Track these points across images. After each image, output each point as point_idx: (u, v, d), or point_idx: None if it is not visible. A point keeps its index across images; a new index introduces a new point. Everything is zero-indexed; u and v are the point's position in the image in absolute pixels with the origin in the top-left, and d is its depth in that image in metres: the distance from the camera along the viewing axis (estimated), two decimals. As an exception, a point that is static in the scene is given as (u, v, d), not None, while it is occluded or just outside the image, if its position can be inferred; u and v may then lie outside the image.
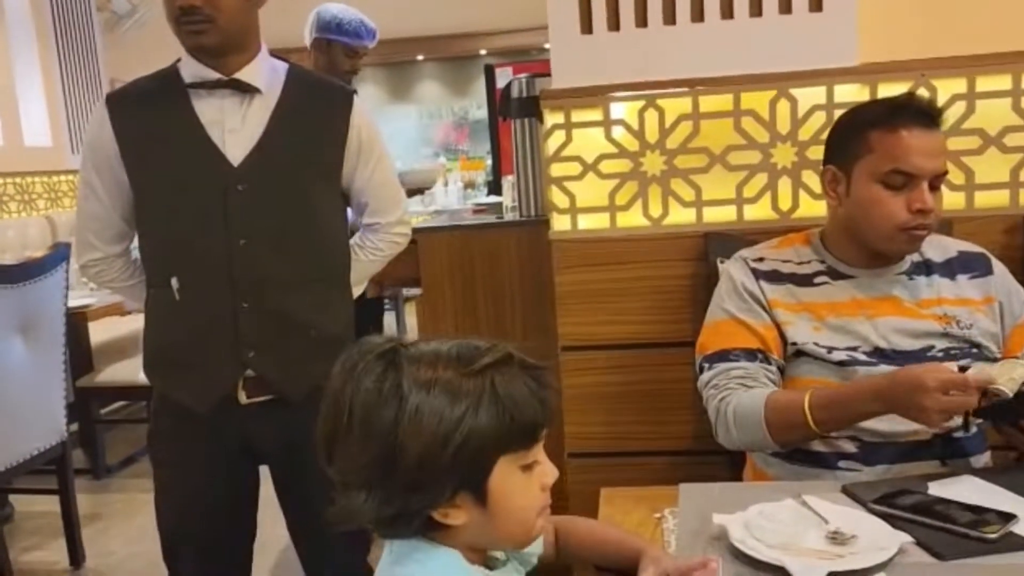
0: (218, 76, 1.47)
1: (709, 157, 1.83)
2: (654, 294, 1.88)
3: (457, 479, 0.77)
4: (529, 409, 0.79)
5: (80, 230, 1.58)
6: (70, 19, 5.45)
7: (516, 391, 0.78)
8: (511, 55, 7.42)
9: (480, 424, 0.76)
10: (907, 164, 1.31)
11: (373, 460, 0.77)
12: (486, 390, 0.77)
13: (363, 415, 0.78)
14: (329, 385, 0.82)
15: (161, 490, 1.61)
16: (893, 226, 1.34)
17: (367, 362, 0.80)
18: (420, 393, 0.76)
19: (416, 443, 0.75)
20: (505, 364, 0.79)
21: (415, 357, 0.79)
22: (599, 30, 1.84)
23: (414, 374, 0.78)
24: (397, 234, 1.70)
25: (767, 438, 1.30)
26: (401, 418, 0.76)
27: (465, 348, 0.81)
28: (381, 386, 0.77)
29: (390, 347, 0.80)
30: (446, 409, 0.76)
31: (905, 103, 1.35)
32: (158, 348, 1.57)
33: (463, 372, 0.78)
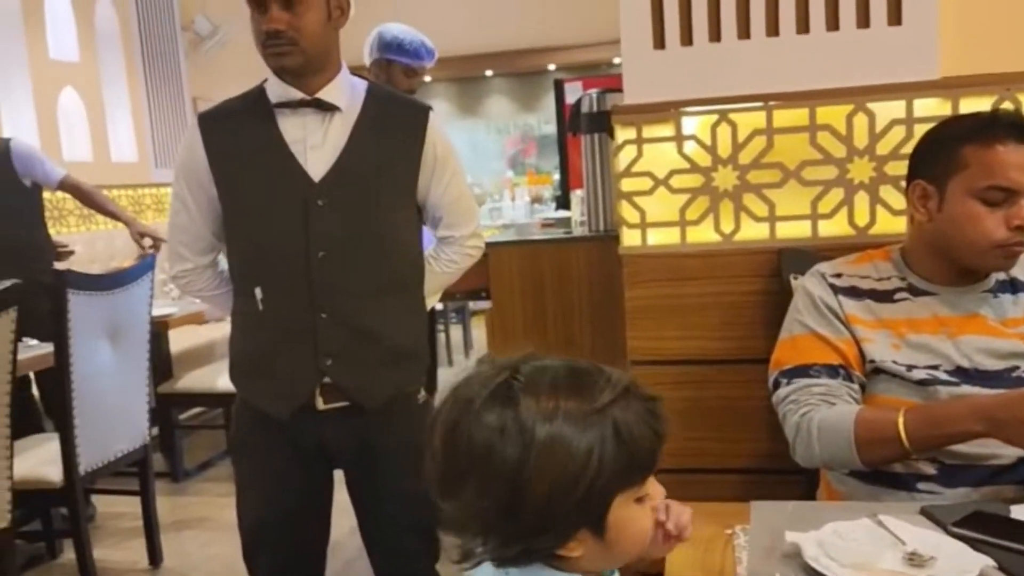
0: (301, 96, 1.53)
1: (783, 172, 1.81)
2: (725, 310, 1.87)
3: (579, 519, 0.75)
4: (647, 444, 0.77)
5: (172, 242, 1.66)
6: (156, 40, 5.70)
7: (636, 427, 0.76)
8: (579, 70, 7.45)
9: (606, 463, 0.74)
10: (1006, 179, 1.28)
11: (495, 504, 0.74)
12: (609, 428, 0.74)
13: (484, 455, 0.74)
14: (440, 419, 0.79)
15: (242, 491, 1.67)
16: (990, 243, 1.30)
17: (484, 398, 0.76)
18: (544, 428, 0.73)
19: (542, 486, 0.73)
20: (624, 397, 0.77)
21: (532, 387, 0.76)
22: (672, 45, 1.85)
23: (535, 415, 0.74)
24: (471, 247, 1.73)
25: (854, 455, 1.27)
26: (525, 462, 0.73)
27: (582, 380, 0.77)
28: (503, 424, 0.74)
29: (504, 380, 0.77)
30: (571, 452, 0.73)
31: (999, 117, 1.32)
32: (242, 355, 1.63)
33: (586, 409, 0.75)
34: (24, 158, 3.28)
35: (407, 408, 1.65)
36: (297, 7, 1.46)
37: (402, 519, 1.64)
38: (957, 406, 1.24)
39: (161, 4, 5.75)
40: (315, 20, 1.48)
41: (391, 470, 1.62)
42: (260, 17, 1.47)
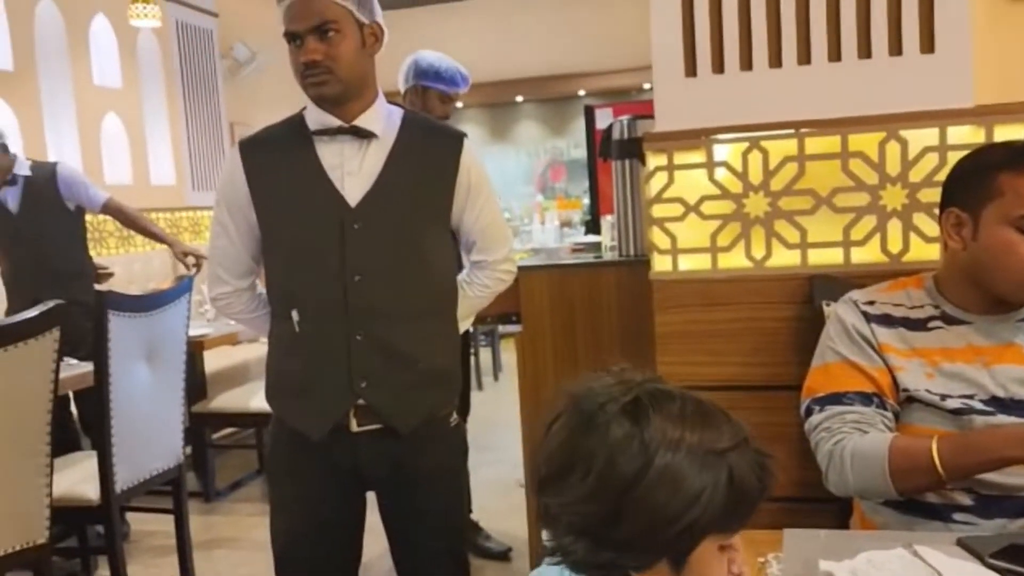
0: (339, 123, 1.57)
1: (815, 199, 1.82)
2: (756, 336, 1.87)
3: (668, 550, 0.77)
4: (753, 496, 0.78)
5: (212, 265, 1.70)
6: (195, 66, 5.85)
7: (748, 479, 0.77)
8: (609, 95, 7.50)
9: (713, 506, 0.75)
10: None
11: (599, 512, 0.76)
12: (724, 473, 0.76)
13: (604, 466, 0.76)
14: (560, 422, 0.81)
15: (276, 511, 1.69)
16: None
17: (614, 412, 0.78)
18: (665, 460, 0.75)
19: (647, 510, 0.75)
20: (743, 446, 0.78)
21: (661, 411, 0.78)
22: (703, 73, 1.87)
23: (660, 440, 0.76)
24: (503, 271, 1.76)
25: (888, 484, 1.26)
26: (639, 482, 0.75)
27: (707, 414, 0.79)
28: (629, 440, 0.76)
29: (635, 397, 0.79)
30: (686, 485, 0.75)
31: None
32: (278, 376, 1.66)
33: (708, 448, 0.76)
34: (69, 182, 3.38)
35: (440, 431, 1.67)
36: (331, 37, 1.50)
37: (433, 542, 1.66)
38: (992, 433, 1.23)
39: (201, 32, 5.90)
40: (349, 49, 1.53)
41: (423, 493, 1.64)
42: (297, 49, 1.52)
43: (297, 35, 1.51)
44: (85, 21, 4.92)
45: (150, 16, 4.57)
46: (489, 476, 3.33)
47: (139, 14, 4.53)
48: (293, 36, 1.52)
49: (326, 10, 1.50)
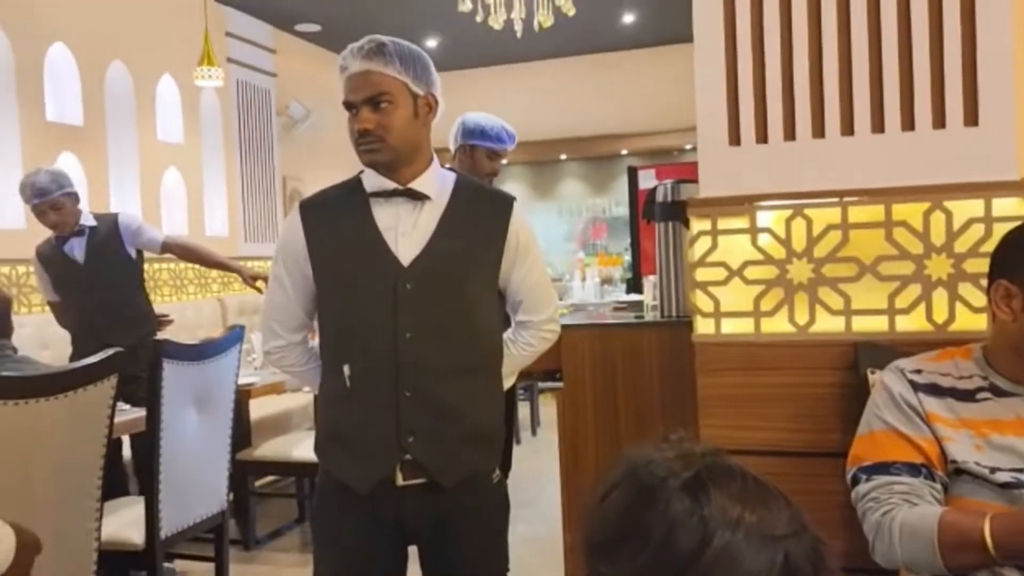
0: (395, 186, 1.64)
1: (859, 266, 1.83)
2: (799, 402, 1.86)
3: None
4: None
5: (266, 319, 1.77)
6: (253, 123, 6.08)
7: (803, 567, 0.75)
8: (652, 155, 7.58)
9: None
10: None
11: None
12: (780, 557, 0.75)
13: (661, 541, 0.75)
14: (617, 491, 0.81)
15: (319, 561, 1.72)
16: None
17: (674, 488, 0.77)
18: (724, 539, 0.74)
19: None
20: (801, 532, 0.77)
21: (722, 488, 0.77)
22: (747, 141, 1.91)
23: (720, 513, 0.75)
24: (548, 331, 1.80)
25: (937, 559, 1.25)
26: (700, 557, 0.74)
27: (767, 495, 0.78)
28: (688, 516, 0.75)
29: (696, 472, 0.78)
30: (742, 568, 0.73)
31: None
32: (328, 428, 1.71)
33: (766, 532, 0.75)
34: (131, 230, 3.53)
35: (483, 488, 1.69)
36: (384, 108, 1.59)
37: None
38: None
39: (260, 91, 6.14)
40: (401, 118, 1.61)
41: (465, 550, 1.66)
42: (353, 118, 1.61)
43: (353, 105, 1.61)
44: (153, 81, 5.18)
45: (214, 78, 4.79)
46: (526, 532, 3.31)
47: (204, 76, 4.75)
48: (350, 105, 1.61)
49: (381, 83, 1.59)
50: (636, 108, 7.51)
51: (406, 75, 1.61)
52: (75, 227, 3.42)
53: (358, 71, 1.60)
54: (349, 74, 1.61)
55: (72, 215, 3.41)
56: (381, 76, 1.59)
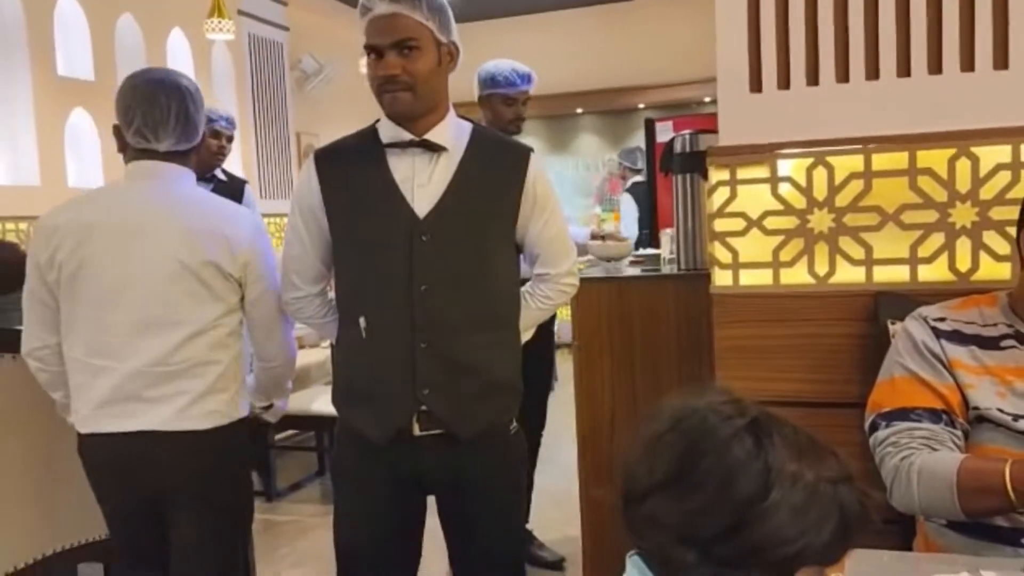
0: (411, 137, 1.62)
1: (881, 215, 1.79)
2: (818, 353, 1.85)
3: (771, 572, 0.78)
4: (853, 533, 0.80)
5: (285, 271, 1.76)
6: (265, 77, 6.02)
7: (854, 513, 0.79)
8: (669, 108, 7.46)
9: (821, 536, 0.77)
10: None
11: (715, 525, 0.78)
12: (835, 503, 0.78)
13: (725, 480, 0.78)
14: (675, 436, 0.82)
15: (339, 513, 1.74)
16: None
17: (735, 429, 0.80)
18: (784, 485, 0.77)
19: (762, 531, 0.76)
20: (850, 481, 0.80)
21: (781, 440, 0.79)
22: (768, 88, 1.86)
23: (782, 463, 0.78)
24: (566, 284, 1.78)
25: (955, 503, 1.25)
26: (758, 502, 0.77)
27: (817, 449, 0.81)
28: (752, 461, 0.78)
29: (754, 418, 0.81)
30: (801, 514, 0.77)
31: None
32: (345, 381, 1.71)
33: (822, 478, 0.78)
34: (250, 201, 3.55)
35: (500, 440, 1.70)
36: (411, 54, 1.55)
37: (490, 548, 1.68)
38: None
39: (272, 45, 6.07)
40: (427, 65, 1.57)
41: (482, 499, 1.67)
42: (376, 62, 1.57)
43: (378, 49, 1.56)
44: (163, 34, 5.12)
45: (225, 31, 4.73)
46: (543, 485, 3.33)
47: (214, 28, 4.69)
48: (374, 49, 1.57)
49: (409, 27, 1.55)
50: (653, 60, 7.37)
51: (432, 21, 1.57)
52: (213, 169, 3.41)
53: (385, 13, 1.55)
54: (374, 16, 1.56)
55: (222, 158, 3.42)
56: (408, 20, 1.55)
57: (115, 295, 1.68)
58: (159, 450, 1.69)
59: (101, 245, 1.68)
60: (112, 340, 1.68)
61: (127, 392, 1.68)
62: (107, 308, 1.68)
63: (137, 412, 1.68)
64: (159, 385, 1.68)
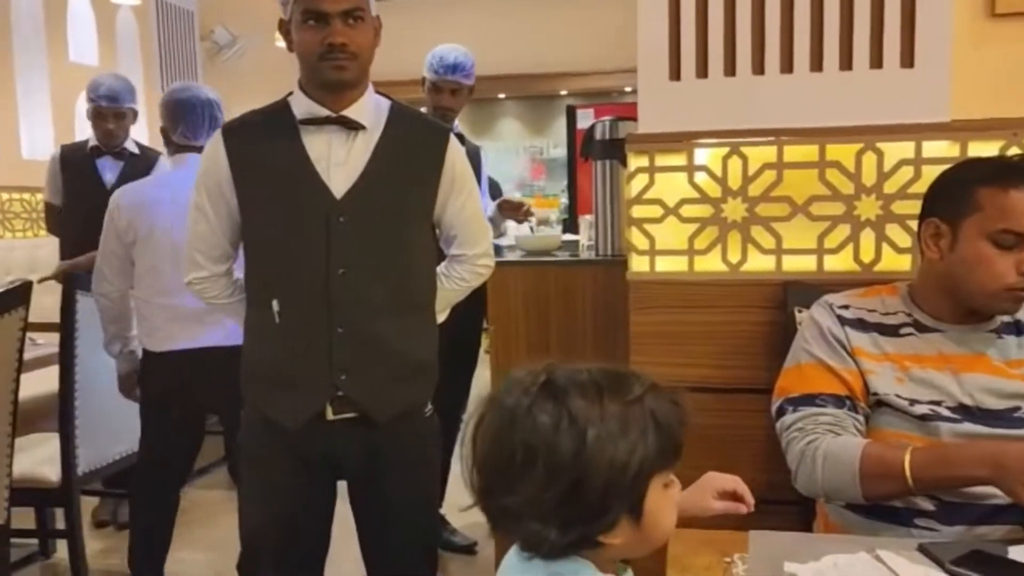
0: (327, 113, 1.56)
1: (791, 206, 1.84)
2: (729, 339, 1.89)
3: (626, 503, 0.83)
4: (678, 430, 0.86)
5: (188, 249, 1.68)
6: (175, 48, 5.77)
7: (668, 415, 0.85)
8: (591, 96, 7.51)
9: (648, 450, 0.82)
10: (1018, 224, 1.31)
11: (556, 492, 0.81)
12: (648, 417, 0.83)
13: (544, 450, 0.82)
14: (485, 425, 0.86)
15: (246, 498, 1.68)
16: (1000, 286, 1.32)
17: (532, 400, 0.84)
18: (594, 425, 0.81)
19: (598, 473, 0.80)
20: (654, 390, 0.86)
21: (577, 388, 0.84)
22: (687, 77, 1.88)
23: (584, 407, 0.82)
24: (481, 265, 1.76)
25: (856, 487, 1.29)
26: (581, 450, 0.81)
27: (615, 377, 0.86)
28: (557, 422, 0.82)
29: (546, 380, 0.85)
30: (620, 438, 0.81)
31: (1017, 163, 1.35)
32: (256, 365, 1.64)
33: (626, 401, 0.83)
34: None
35: (414, 422, 1.67)
36: (356, 24, 1.51)
37: (402, 533, 1.66)
38: (967, 450, 1.25)
39: (181, 14, 5.82)
40: (369, 37, 1.55)
41: (396, 483, 1.64)
42: (321, 30, 1.50)
43: (326, 15, 1.49)
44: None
45: (130, -6, 4.51)
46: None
47: (119, -9, 4.47)
48: (319, 16, 1.50)
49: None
50: (577, 47, 7.39)
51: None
52: (118, 147, 3.26)
53: None
54: None
55: (125, 132, 3.27)
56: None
57: (173, 252, 2.12)
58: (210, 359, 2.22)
59: (162, 216, 2.26)
60: (171, 286, 2.18)
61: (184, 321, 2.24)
62: (168, 262, 2.21)
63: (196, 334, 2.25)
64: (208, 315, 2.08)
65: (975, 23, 1.79)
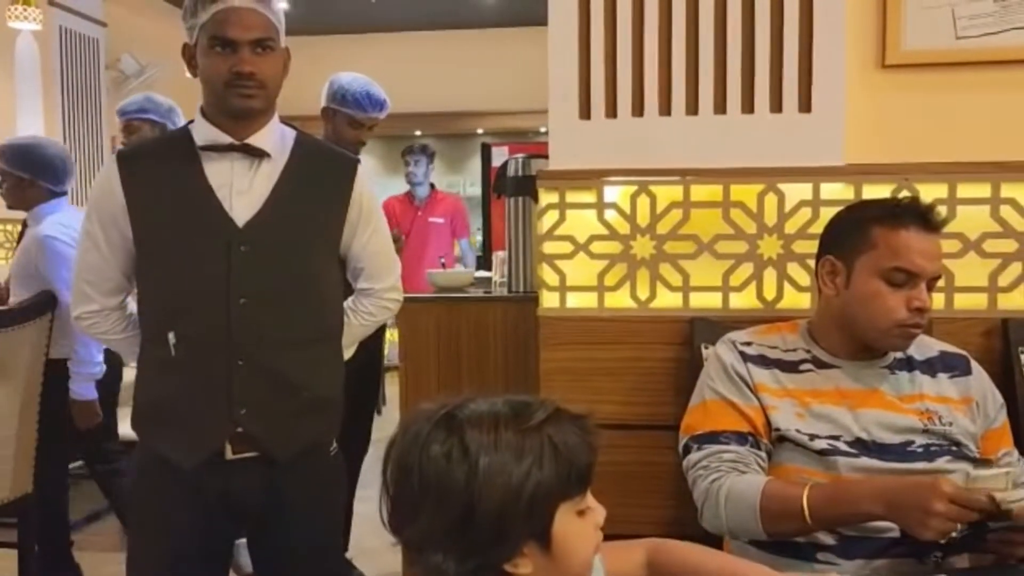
0: (230, 140, 1.51)
1: (697, 244, 1.87)
2: (638, 376, 1.89)
3: (527, 530, 0.83)
4: (582, 455, 0.85)
5: (77, 281, 1.59)
6: (78, 75, 5.56)
7: (570, 440, 0.84)
8: (507, 135, 7.59)
9: (545, 475, 0.82)
10: (909, 263, 1.35)
11: (450, 522, 0.81)
12: (545, 443, 0.83)
13: (436, 481, 0.82)
14: (392, 455, 0.86)
15: (135, 543, 1.58)
16: (891, 322, 1.37)
17: (429, 430, 0.84)
18: (488, 453, 0.81)
19: (490, 500, 0.80)
20: (556, 417, 0.85)
21: (473, 419, 0.84)
22: (596, 116, 1.91)
23: (477, 436, 0.82)
24: (389, 300, 1.72)
25: (758, 526, 1.29)
26: (472, 479, 0.81)
27: (517, 406, 0.86)
28: (449, 451, 0.82)
29: (446, 412, 0.84)
30: (513, 465, 0.81)
31: (909, 205, 1.41)
32: (149, 402, 1.56)
33: (522, 429, 0.83)
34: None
35: (318, 460, 1.61)
36: (265, 53, 1.48)
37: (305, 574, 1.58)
38: (860, 487, 1.27)
39: (86, 40, 5.62)
40: (277, 67, 1.52)
41: (298, 524, 1.57)
42: (229, 57, 1.46)
43: (234, 43, 1.45)
44: (-44, 17, 4.61)
45: (30, 19, 4.33)
46: (364, 512, 3.23)
47: (18, 16, 4.28)
48: (227, 43, 1.46)
49: (266, 26, 1.48)
50: (493, 87, 7.49)
51: (279, 23, 1.51)
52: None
53: (244, 7, 1.46)
54: (229, 7, 1.45)
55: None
56: (264, 18, 1.48)
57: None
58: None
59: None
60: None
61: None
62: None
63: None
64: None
65: (867, 73, 1.88)
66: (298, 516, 1.57)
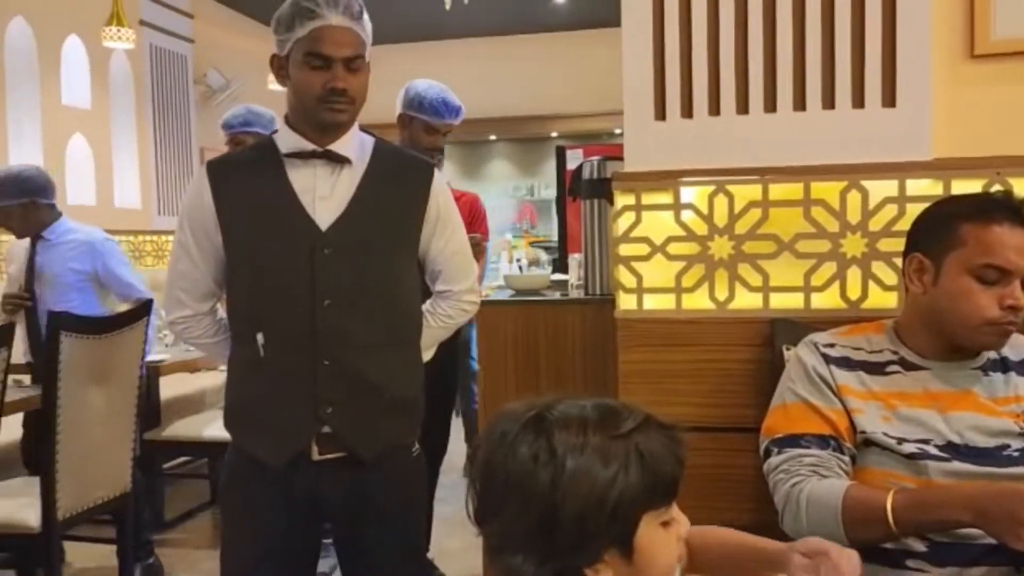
0: (313, 147, 1.57)
1: (777, 244, 1.84)
2: (717, 377, 1.87)
3: (609, 537, 0.82)
4: (668, 466, 0.84)
5: (171, 288, 1.66)
6: (168, 90, 5.81)
7: (657, 451, 0.84)
8: (581, 138, 7.59)
9: (630, 483, 0.81)
10: (1002, 259, 1.31)
11: (532, 523, 0.81)
12: (632, 451, 0.82)
13: (520, 481, 0.82)
14: (480, 455, 0.87)
15: (228, 541, 1.64)
16: (983, 320, 1.32)
17: (517, 430, 0.84)
18: (574, 457, 0.81)
19: (574, 505, 0.80)
20: (645, 426, 0.85)
21: (562, 422, 0.84)
22: (672, 116, 1.89)
23: (565, 439, 0.82)
24: (467, 302, 1.75)
25: (840, 531, 1.26)
26: (558, 482, 0.81)
27: (607, 411, 0.86)
28: (536, 453, 0.82)
29: (535, 414, 0.85)
30: (600, 471, 0.81)
31: (997, 199, 1.36)
32: (240, 402, 1.62)
33: (610, 435, 0.83)
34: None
35: (401, 461, 1.65)
36: (358, 71, 1.55)
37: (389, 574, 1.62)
38: (948, 493, 1.23)
39: (175, 57, 5.88)
40: (366, 83, 1.59)
41: (383, 524, 1.61)
42: (323, 73, 1.52)
43: (330, 60, 1.52)
44: (58, 40, 4.88)
45: (124, 39, 4.55)
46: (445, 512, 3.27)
47: (113, 36, 4.50)
48: (323, 59, 1.52)
49: (358, 44, 1.55)
50: (567, 90, 7.49)
51: (368, 40, 1.58)
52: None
53: (340, 25, 1.52)
54: (326, 25, 1.51)
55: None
56: (358, 37, 1.55)
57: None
58: None
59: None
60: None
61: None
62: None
63: None
64: None
65: (955, 64, 1.82)
66: (384, 517, 1.61)
